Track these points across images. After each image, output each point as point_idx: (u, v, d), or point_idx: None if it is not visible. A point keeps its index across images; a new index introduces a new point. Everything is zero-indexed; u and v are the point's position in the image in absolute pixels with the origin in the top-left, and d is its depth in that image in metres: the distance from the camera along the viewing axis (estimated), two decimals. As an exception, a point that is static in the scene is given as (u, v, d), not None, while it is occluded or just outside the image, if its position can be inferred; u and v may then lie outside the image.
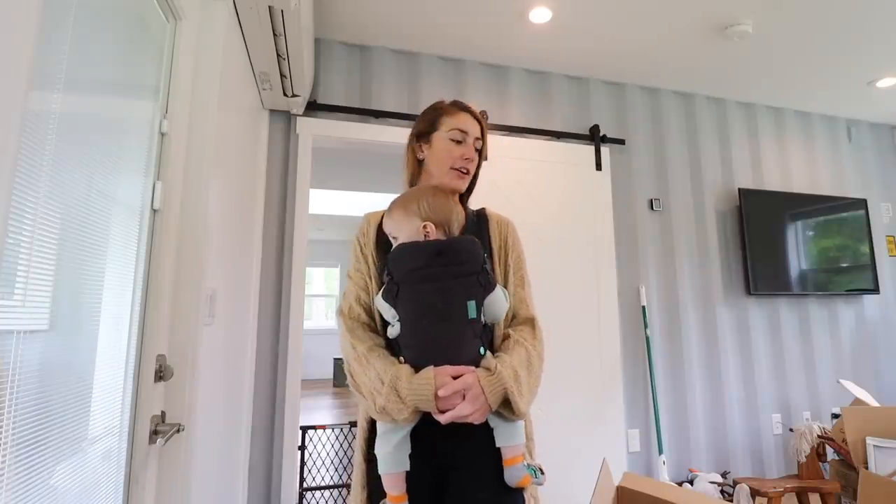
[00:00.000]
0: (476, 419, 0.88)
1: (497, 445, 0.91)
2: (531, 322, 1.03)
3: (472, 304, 0.91)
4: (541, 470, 0.92)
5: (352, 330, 1.02)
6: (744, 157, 3.35)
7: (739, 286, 3.16)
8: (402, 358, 0.94)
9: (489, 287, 0.94)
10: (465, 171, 1.10)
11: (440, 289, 0.92)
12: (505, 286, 1.05)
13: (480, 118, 1.14)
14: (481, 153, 1.15)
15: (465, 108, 1.13)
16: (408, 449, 0.93)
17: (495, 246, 1.07)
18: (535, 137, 2.84)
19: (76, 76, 0.78)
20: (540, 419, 1.66)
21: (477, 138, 1.11)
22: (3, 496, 0.62)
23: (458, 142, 1.10)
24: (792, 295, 3.27)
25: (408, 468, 0.92)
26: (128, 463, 1.02)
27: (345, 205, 6.21)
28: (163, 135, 1.18)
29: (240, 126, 1.80)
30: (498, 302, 0.96)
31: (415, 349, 0.93)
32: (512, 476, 0.89)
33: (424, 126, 1.15)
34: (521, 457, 0.91)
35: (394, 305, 0.95)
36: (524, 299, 1.05)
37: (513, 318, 1.05)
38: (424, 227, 0.97)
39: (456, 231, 1.00)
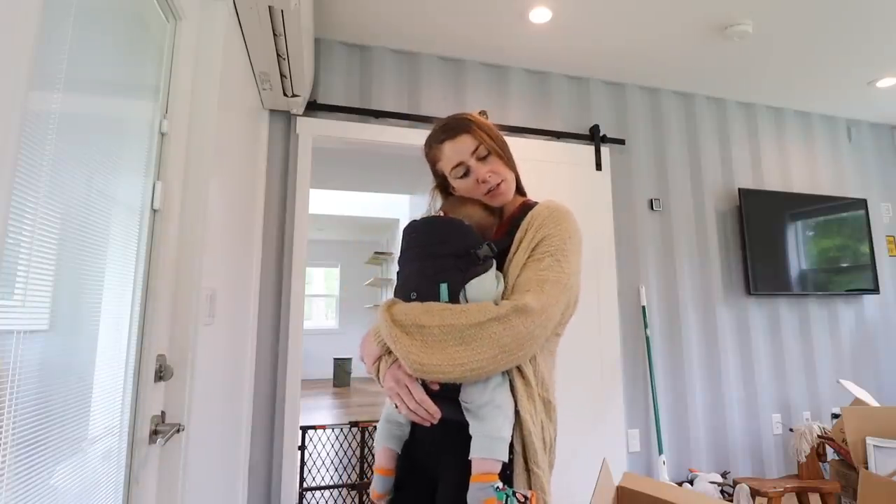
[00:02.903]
0: (366, 361, 0.94)
1: (469, 457, 0.82)
2: (516, 304, 0.84)
3: (444, 287, 0.85)
4: (520, 499, 0.79)
5: None
6: (744, 157, 3.35)
7: (739, 286, 3.16)
8: None
9: (472, 272, 0.87)
10: (489, 190, 1.00)
11: (416, 268, 0.91)
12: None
13: (463, 125, 1.00)
14: (501, 151, 1.02)
15: (440, 139, 1.02)
16: (396, 430, 0.95)
17: (519, 235, 0.94)
18: (535, 137, 2.84)
19: (76, 76, 0.78)
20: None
21: (473, 151, 0.99)
22: (3, 496, 0.62)
23: (464, 175, 1.00)
24: (792, 295, 3.27)
25: (392, 447, 0.95)
26: (128, 463, 1.02)
27: (345, 205, 6.23)
28: (163, 135, 1.18)
29: (240, 126, 1.80)
30: (481, 286, 0.86)
31: None
32: (472, 496, 0.80)
33: (436, 178, 1.09)
34: (491, 476, 0.80)
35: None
36: (530, 279, 0.88)
37: None
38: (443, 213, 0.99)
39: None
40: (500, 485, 0.80)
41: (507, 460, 0.83)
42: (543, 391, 0.92)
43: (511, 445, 0.85)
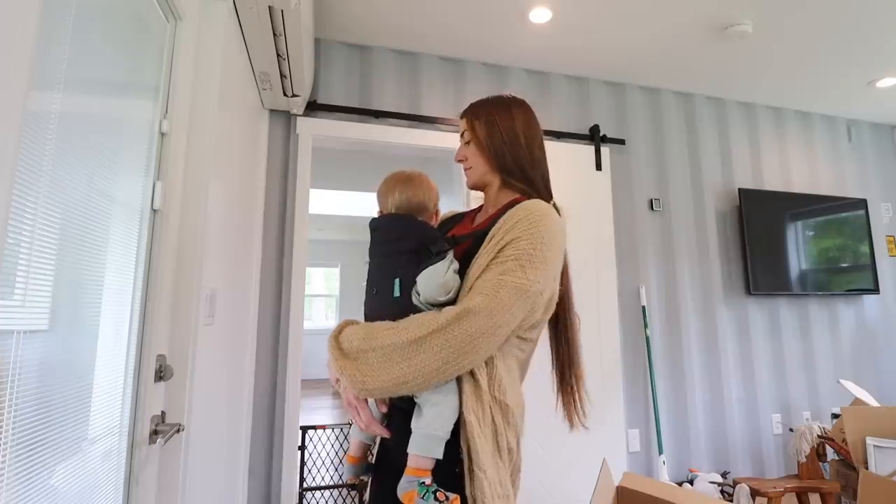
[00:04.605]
0: (332, 380, 0.94)
1: (407, 450, 0.84)
2: (463, 308, 0.83)
3: (396, 282, 0.89)
4: (440, 499, 0.79)
5: None
6: (744, 157, 3.35)
7: (739, 286, 3.16)
8: None
9: (425, 265, 0.86)
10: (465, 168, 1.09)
11: (375, 265, 0.96)
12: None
13: (468, 111, 1.08)
14: (483, 143, 1.04)
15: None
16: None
17: (491, 233, 0.93)
18: (535, 137, 2.84)
19: (76, 76, 0.78)
20: (539, 420, 1.66)
21: (462, 133, 1.08)
22: (3, 496, 0.62)
23: None
24: (792, 295, 3.27)
25: (361, 439, 0.99)
26: (128, 463, 1.02)
27: (345, 205, 6.22)
28: (163, 135, 1.18)
29: (240, 126, 1.80)
30: (430, 276, 0.85)
31: None
32: (401, 487, 0.82)
33: None
34: (422, 472, 0.81)
35: None
36: (487, 280, 0.86)
37: None
38: (379, 212, 1.02)
39: (411, 211, 0.99)
40: (428, 481, 0.81)
41: (440, 458, 0.83)
42: (500, 394, 0.88)
43: (459, 445, 0.85)
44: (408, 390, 0.83)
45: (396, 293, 0.88)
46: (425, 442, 0.83)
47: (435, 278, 0.85)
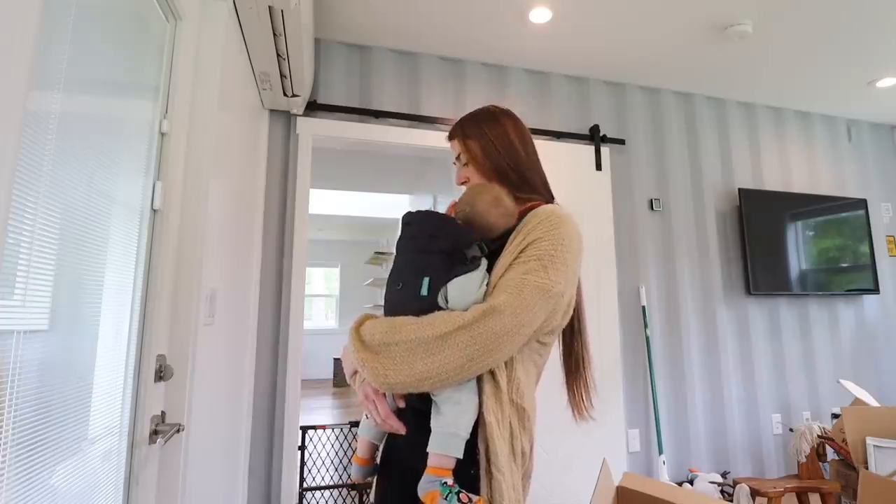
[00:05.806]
0: (346, 373, 0.94)
1: (427, 449, 0.83)
2: (488, 306, 0.83)
3: (425, 281, 0.87)
4: (463, 500, 0.77)
5: None
6: (744, 157, 3.35)
7: (739, 286, 3.16)
8: None
9: (457, 270, 0.86)
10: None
11: (406, 260, 0.92)
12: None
13: (454, 131, 1.09)
14: (479, 162, 1.05)
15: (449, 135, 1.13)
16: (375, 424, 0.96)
17: (512, 237, 0.93)
18: (535, 137, 2.77)
19: (76, 76, 0.78)
20: (540, 421, 1.66)
21: (456, 156, 1.09)
22: (3, 496, 0.62)
23: None
24: (792, 295, 3.27)
25: (369, 439, 0.97)
26: (128, 463, 1.02)
27: (345, 205, 6.22)
28: (163, 135, 1.18)
29: (240, 126, 1.80)
30: (463, 286, 0.85)
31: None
32: (422, 486, 0.81)
33: None
34: (444, 471, 0.81)
35: None
36: (511, 279, 0.87)
37: None
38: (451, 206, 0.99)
39: (474, 216, 0.95)
40: (450, 481, 0.80)
41: (461, 457, 0.82)
42: (518, 397, 0.89)
43: (476, 446, 0.84)
44: (429, 386, 0.82)
45: (424, 292, 0.86)
46: (447, 440, 0.81)
47: (468, 293, 0.85)
